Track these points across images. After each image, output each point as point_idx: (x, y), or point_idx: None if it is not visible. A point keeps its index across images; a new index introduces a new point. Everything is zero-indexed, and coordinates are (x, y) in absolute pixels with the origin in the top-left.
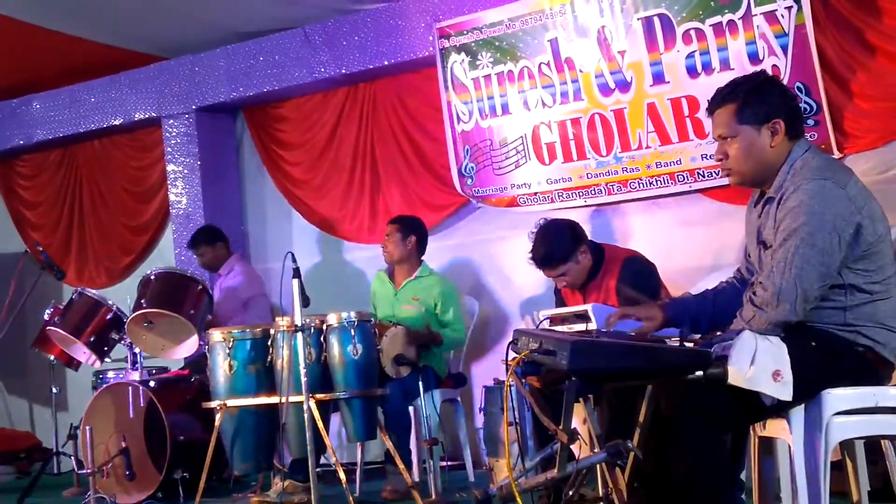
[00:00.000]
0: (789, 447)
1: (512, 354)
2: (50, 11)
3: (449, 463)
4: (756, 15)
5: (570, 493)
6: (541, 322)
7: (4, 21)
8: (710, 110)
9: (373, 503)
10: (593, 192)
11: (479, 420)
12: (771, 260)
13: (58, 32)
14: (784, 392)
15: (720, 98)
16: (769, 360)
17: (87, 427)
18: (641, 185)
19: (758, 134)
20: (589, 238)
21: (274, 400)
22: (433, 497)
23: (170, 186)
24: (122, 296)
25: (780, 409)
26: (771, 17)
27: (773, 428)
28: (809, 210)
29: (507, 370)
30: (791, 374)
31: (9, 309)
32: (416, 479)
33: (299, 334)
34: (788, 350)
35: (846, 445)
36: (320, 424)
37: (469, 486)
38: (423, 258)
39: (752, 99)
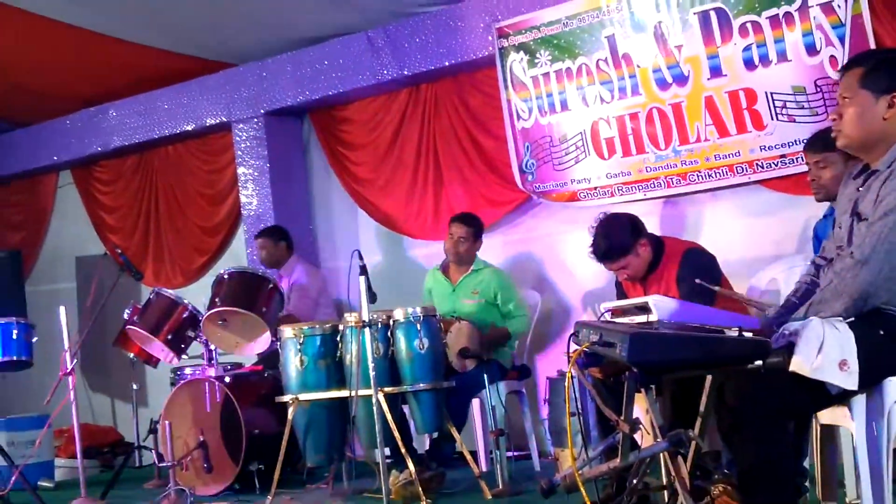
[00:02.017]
0: (852, 435)
1: (573, 346)
2: (124, 23)
3: (515, 453)
4: (812, 6)
5: (634, 481)
6: (602, 314)
7: (81, 33)
8: (842, 71)
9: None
10: (653, 185)
11: (544, 411)
12: (866, 231)
13: (131, 43)
14: (850, 382)
15: (853, 61)
16: (836, 349)
17: (167, 422)
18: (700, 177)
19: (875, 102)
20: (649, 231)
21: (344, 394)
22: (500, 487)
23: (240, 188)
24: (197, 295)
25: (843, 398)
26: (827, 8)
27: (836, 416)
28: None
29: (568, 362)
30: (857, 364)
31: (90, 309)
32: (484, 469)
33: (367, 330)
34: (856, 338)
35: None
36: (389, 417)
37: (535, 475)
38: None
39: (880, 67)
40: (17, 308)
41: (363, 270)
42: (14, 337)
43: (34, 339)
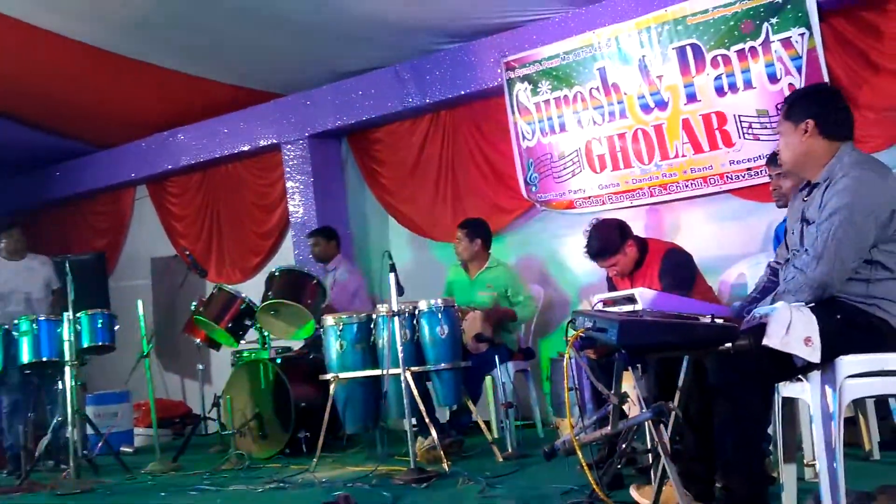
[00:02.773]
0: (808, 406)
1: (571, 331)
2: (190, 60)
3: (522, 423)
4: (773, 41)
5: (623, 446)
6: (595, 304)
7: (155, 69)
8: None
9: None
10: (638, 194)
11: (547, 387)
12: (816, 230)
13: (196, 77)
14: (814, 355)
15: (784, 100)
16: (801, 328)
17: (228, 396)
18: (679, 187)
19: (794, 130)
20: (635, 233)
21: (376, 372)
22: (510, 451)
23: (289, 200)
24: (252, 289)
25: (805, 370)
26: (786, 43)
27: (795, 389)
28: (854, 193)
29: (567, 345)
30: (819, 341)
31: (165, 302)
32: (496, 436)
33: (396, 318)
34: (817, 321)
35: (859, 404)
36: (415, 392)
37: (539, 441)
38: (490, 251)
39: (796, 103)
40: (102, 301)
41: (392, 268)
42: (100, 326)
43: (116, 328)
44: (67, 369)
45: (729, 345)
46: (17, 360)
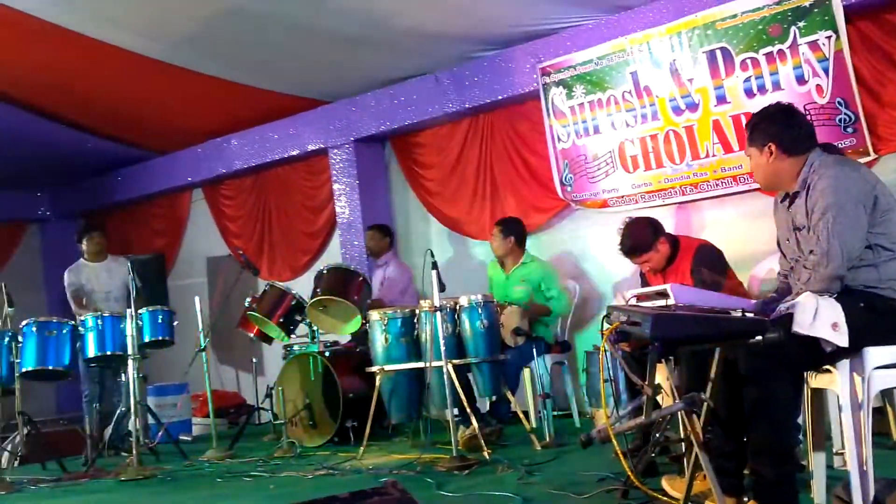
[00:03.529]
0: (837, 396)
1: (606, 325)
2: (242, 70)
3: (558, 413)
4: (801, 44)
5: (657, 435)
6: (629, 299)
7: (209, 79)
8: None
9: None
10: (670, 193)
11: (582, 378)
12: (811, 234)
13: (248, 86)
14: (842, 339)
15: (745, 126)
16: (828, 314)
17: (280, 388)
18: (709, 186)
19: (760, 154)
20: (666, 231)
21: (420, 365)
22: (547, 440)
23: (335, 201)
24: (302, 286)
25: (833, 358)
26: (814, 46)
27: (824, 380)
28: (836, 189)
29: (602, 338)
30: (846, 326)
31: (219, 299)
32: (533, 425)
33: (438, 313)
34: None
35: (886, 394)
36: (457, 383)
37: (575, 430)
38: (524, 248)
39: (755, 128)
40: (161, 299)
41: (434, 265)
42: (160, 321)
43: (175, 323)
44: (130, 362)
45: (760, 337)
46: (84, 353)
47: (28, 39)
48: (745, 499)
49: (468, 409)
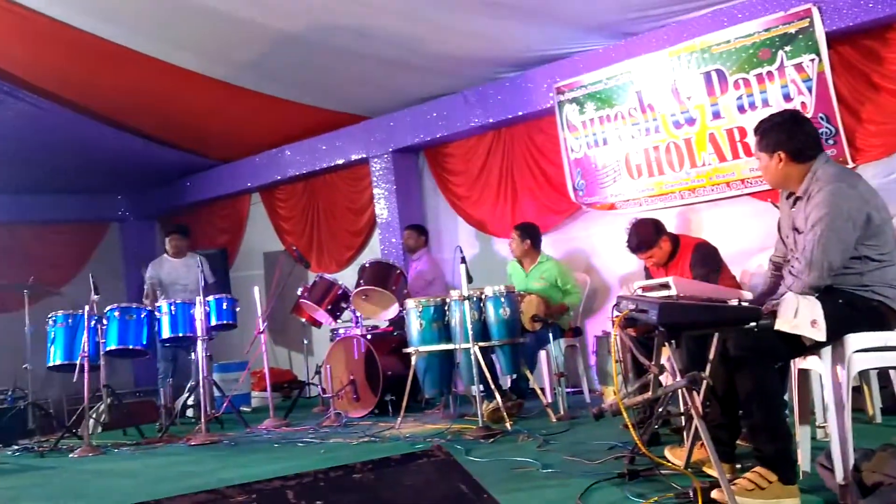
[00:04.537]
0: (820, 376)
1: (616, 312)
2: (294, 89)
3: (571, 389)
4: (788, 66)
5: (660, 409)
6: (635, 290)
7: (268, 98)
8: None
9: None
10: (670, 197)
11: (592, 360)
12: (803, 240)
13: (300, 104)
14: (820, 335)
15: (754, 130)
16: (808, 312)
17: (328, 366)
18: (705, 191)
19: (769, 159)
20: (668, 230)
21: (450, 347)
22: (561, 413)
23: (375, 204)
24: (346, 278)
25: (814, 348)
26: (799, 67)
27: (809, 362)
28: (830, 204)
29: (612, 324)
30: (825, 323)
31: (275, 289)
32: (549, 400)
33: (466, 302)
34: (822, 306)
35: (863, 374)
36: (482, 363)
37: (586, 405)
38: (539, 249)
39: (764, 135)
40: (225, 288)
41: (463, 260)
42: (224, 308)
43: (237, 309)
44: (199, 343)
45: (754, 323)
46: (160, 335)
47: (112, 64)
48: (738, 465)
49: (492, 386)
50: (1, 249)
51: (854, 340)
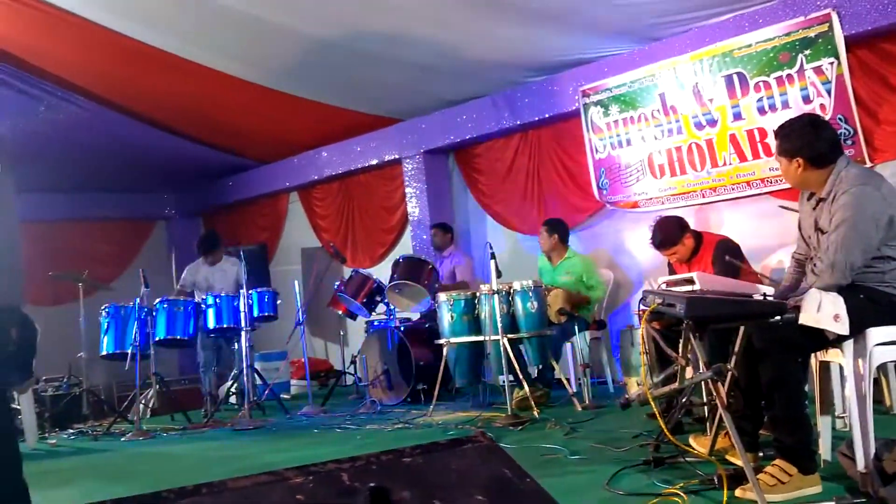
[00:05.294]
0: (841, 368)
1: (642, 307)
2: (331, 93)
3: (595, 380)
4: (807, 69)
5: (684, 399)
6: (660, 285)
7: (306, 102)
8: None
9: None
10: (692, 196)
11: (616, 351)
12: (827, 241)
13: (336, 107)
14: (842, 329)
15: (775, 134)
16: (831, 307)
17: (363, 356)
18: (726, 190)
19: (789, 163)
20: (691, 227)
21: (479, 338)
22: (586, 402)
23: (407, 202)
24: (380, 273)
25: (836, 342)
26: (818, 70)
27: (831, 355)
28: (854, 206)
29: (639, 318)
30: (847, 317)
31: (313, 283)
32: (574, 390)
33: (495, 295)
34: (845, 301)
35: (882, 367)
36: (511, 354)
37: (609, 395)
38: (567, 244)
39: (784, 140)
40: (265, 282)
41: (492, 256)
42: (266, 300)
43: (278, 302)
44: (242, 334)
45: (779, 317)
46: (205, 326)
47: (158, 69)
48: (760, 454)
49: (520, 376)
50: (57, 245)
51: (875, 334)
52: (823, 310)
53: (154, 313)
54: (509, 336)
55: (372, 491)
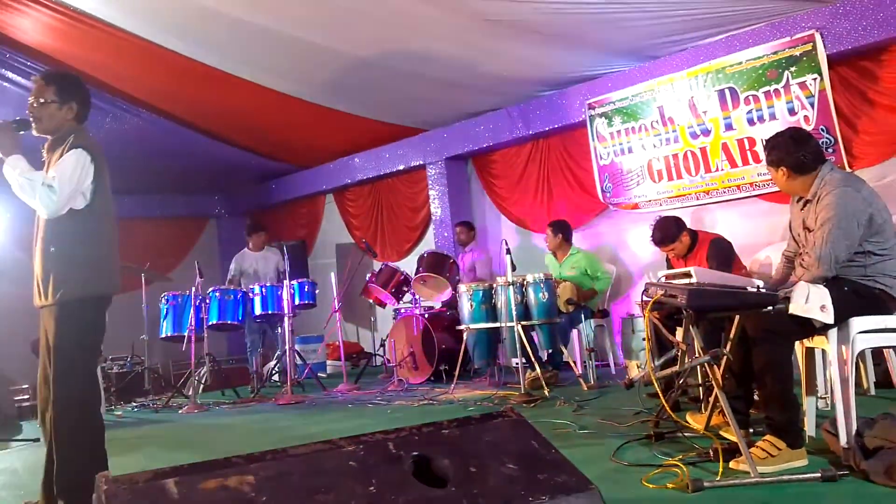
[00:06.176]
0: (824, 353)
1: (645, 297)
2: (365, 107)
3: (599, 363)
4: (793, 85)
5: (681, 381)
6: (659, 278)
7: (341, 114)
8: None
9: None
10: (687, 199)
11: (618, 338)
12: (813, 238)
13: (367, 118)
14: (828, 318)
15: (764, 147)
16: (818, 298)
17: (392, 340)
18: (718, 193)
19: (776, 172)
20: (688, 226)
21: (496, 325)
22: (592, 383)
23: (430, 203)
24: (406, 266)
25: (822, 330)
26: (803, 85)
27: (816, 342)
28: (837, 206)
29: (640, 308)
30: (832, 307)
31: (347, 275)
32: (580, 372)
33: (511, 287)
34: (830, 293)
35: (860, 353)
36: (524, 339)
37: (612, 376)
38: (571, 243)
39: (771, 151)
40: (305, 273)
41: (508, 252)
42: (306, 290)
43: (317, 291)
44: (285, 319)
45: (771, 307)
46: (252, 312)
47: (210, 84)
48: (751, 430)
49: (532, 358)
50: (122, 240)
51: (858, 323)
52: (811, 301)
53: (207, 300)
54: (523, 323)
55: (415, 458)
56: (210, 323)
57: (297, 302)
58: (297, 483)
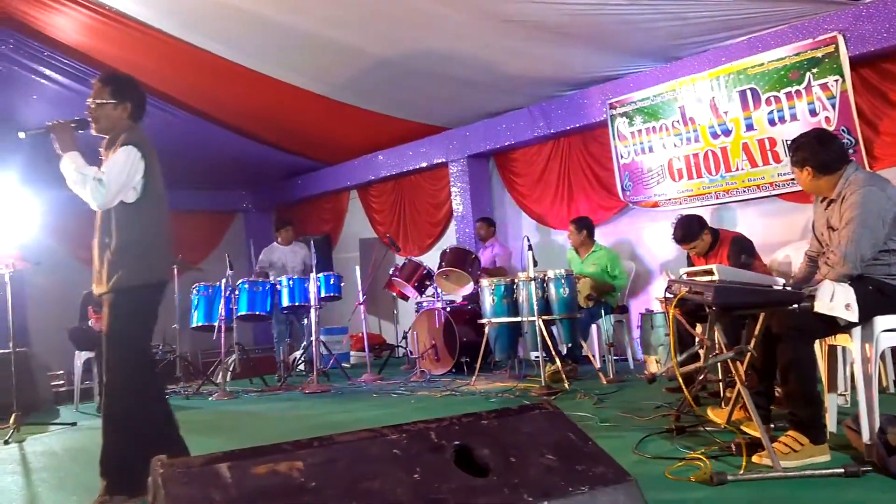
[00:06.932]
0: (846, 351)
1: (668, 294)
2: (388, 105)
3: (618, 357)
4: (814, 86)
5: (702, 377)
6: (681, 276)
7: (364, 112)
8: None
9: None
10: (707, 197)
11: (636, 333)
12: (838, 236)
13: (391, 116)
14: (853, 316)
15: (789, 147)
16: (843, 297)
17: (414, 332)
18: (738, 192)
19: (801, 172)
20: (708, 224)
21: (517, 319)
22: (611, 377)
23: (452, 200)
24: (428, 260)
25: (846, 328)
26: (824, 87)
27: (839, 339)
28: (862, 205)
29: (662, 303)
30: (857, 306)
31: (371, 268)
32: (600, 366)
33: (532, 282)
34: (855, 291)
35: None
36: (545, 333)
37: (630, 371)
38: (594, 239)
39: (796, 152)
40: (329, 267)
41: (530, 248)
42: (331, 283)
43: (342, 284)
44: (312, 311)
45: (796, 305)
46: (280, 304)
47: (237, 82)
48: (772, 426)
49: (552, 352)
50: None
51: (882, 321)
52: (836, 299)
53: (237, 292)
54: (544, 317)
55: (457, 448)
56: (239, 313)
57: (322, 294)
58: (343, 470)
